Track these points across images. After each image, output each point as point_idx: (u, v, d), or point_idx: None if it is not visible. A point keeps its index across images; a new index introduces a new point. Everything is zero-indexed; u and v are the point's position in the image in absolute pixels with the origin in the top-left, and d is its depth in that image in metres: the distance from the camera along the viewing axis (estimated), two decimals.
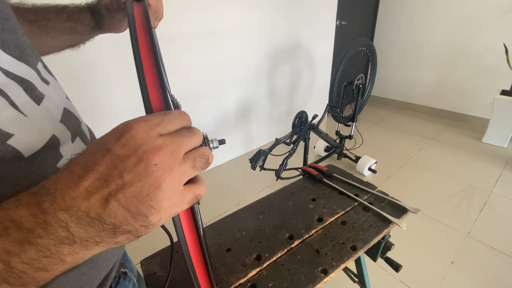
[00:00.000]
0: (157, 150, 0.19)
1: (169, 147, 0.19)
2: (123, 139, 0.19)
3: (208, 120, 2.05)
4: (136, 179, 0.18)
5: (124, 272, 0.45)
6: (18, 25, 0.30)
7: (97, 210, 0.18)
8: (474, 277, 1.23)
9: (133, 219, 0.19)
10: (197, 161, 0.21)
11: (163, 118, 0.20)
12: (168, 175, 0.19)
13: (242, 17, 1.93)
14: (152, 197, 0.19)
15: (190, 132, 0.21)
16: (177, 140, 0.20)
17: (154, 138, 0.19)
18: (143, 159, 0.18)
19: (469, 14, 2.56)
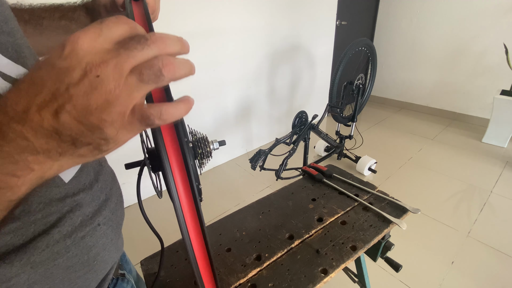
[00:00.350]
0: (100, 62, 0.18)
1: (113, 60, 0.19)
2: (65, 52, 0.18)
3: (208, 120, 2.05)
4: (82, 91, 0.18)
5: (122, 274, 0.45)
6: (17, 27, 0.30)
7: (50, 122, 0.18)
8: (474, 277, 1.23)
9: (89, 132, 0.19)
10: (144, 73, 0.20)
11: (101, 27, 0.19)
12: (114, 86, 0.19)
13: (242, 17, 1.93)
14: (101, 109, 0.19)
15: (142, 44, 0.20)
16: (123, 52, 0.19)
17: (98, 49, 0.19)
18: (87, 72, 0.18)
19: (469, 14, 2.56)
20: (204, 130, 2.05)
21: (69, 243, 0.31)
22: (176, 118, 0.23)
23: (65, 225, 0.30)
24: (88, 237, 0.33)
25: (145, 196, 1.84)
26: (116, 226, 0.39)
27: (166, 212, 1.60)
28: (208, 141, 0.31)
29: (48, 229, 0.29)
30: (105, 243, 0.36)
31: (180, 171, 0.27)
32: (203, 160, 0.36)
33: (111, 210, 0.37)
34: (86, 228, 0.33)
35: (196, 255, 0.29)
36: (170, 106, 0.22)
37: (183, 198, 0.27)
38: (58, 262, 0.30)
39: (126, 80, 0.19)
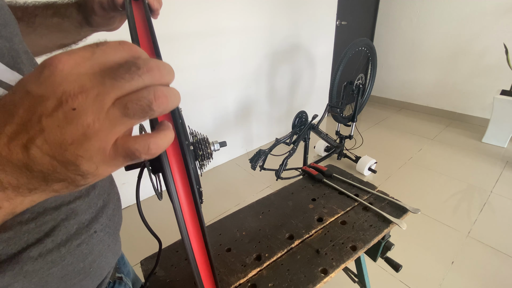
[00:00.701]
0: (78, 92, 0.16)
1: (94, 89, 0.16)
2: (43, 76, 0.16)
3: (208, 120, 2.05)
4: (55, 124, 0.16)
5: (120, 277, 0.45)
6: (16, 32, 0.30)
7: (19, 156, 0.16)
8: (474, 277, 1.23)
9: (63, 168, 0.17)
10: (129, 107, 0.17)
11: (94, 50, 0.17)
12: (92, 121, 0.16)
13: (242, 17, 1.93)
14: (77, 145, 0.16)
15: (128, 71, 0.17)
16: (106, 81, 0.16)
17: (79, 76, 0.16)
18: (61, 102, 0.16)
19: (469, 14, 2.56)
20: (204, 130, 2.05)
21: (64, 251, 0.30)
22: (164, 149, 0.20)
23: (59, 233, 0.30)
24: (84, 245, 0.32)
25: (145, 196, 1.84)
26: (113, 232, 0.38)
27: (166, 211, 1.60)
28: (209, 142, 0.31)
29: (42, 238, 0.28)
30: (101, 250, 0.35)
31: (180, 174, 0.27)
32: (203, 161, 0.36)
33: (108, 216, 0.37)
34: (82, 236, 0.32)
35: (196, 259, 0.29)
36: (158, 138, 0.19)
37: (183, 201, 0.27)
38: (53, 271, 0.30)
39: (108, 113, 0.17)
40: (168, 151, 0.26)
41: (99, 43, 0.17)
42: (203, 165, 0.36)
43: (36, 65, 0.33)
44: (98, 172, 0.18)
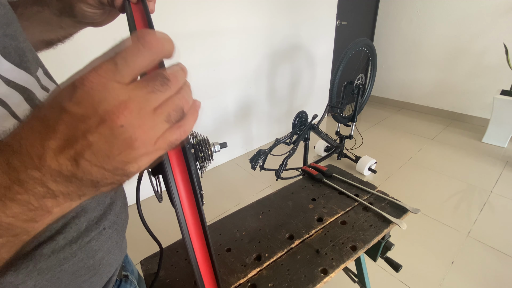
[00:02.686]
0: (122, 109, 0.17)
1: (136, 104, 0.17)
2: (77, 96, 0.16)
3: (208, 120, 2.05)
4: (103, 140, 0.17)
5: (126, 275, 0.45)
6: (19, 30, 0.30)
7: (69, 168, 0.17)
8: (474, 277, 1.23)
9: (111, 174, 0.18)
10: (171, 115, 0.19)
11: (115, 61, 0.17)
12: (140, 133, 0.17)
13: (242, 17, 1.93)
14: (125, 155, 0.18)
15: (163, 83, 0.19)
16: (145, 96, 0.18)
17: (115, 92, 0.17)
18: (106, 120, 0.16)
19: (469, 14, 2.56)
20: (204, 130, 2.05)
21: (75, 248, 0.31)
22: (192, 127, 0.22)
23: (70, 231, 0.30)
24: (94, 241, 0.33)
25: (145, 196, 1.84)
26: (121, 229, 0.39)
27: (166, 211, 1.60)
28: (209, 143, 0.31)
29: (54, 235, 0.29)
30: (110, 247, 0.36)
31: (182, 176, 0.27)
32: (204, 163, 0.35)
33: (116, 213, 0.37)
34: (92, 232, 0.33)
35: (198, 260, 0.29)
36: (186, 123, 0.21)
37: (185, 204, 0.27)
38: (64, 267, 0.30)
39: (152, 123, 0.18)
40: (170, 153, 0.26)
41: (114, 51, 0.18)
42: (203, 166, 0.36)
43: (41, 64, 0.33)
44: (141, 168, 0.20)
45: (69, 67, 1.33)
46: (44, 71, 0.33)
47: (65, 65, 1.32)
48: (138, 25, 0.26)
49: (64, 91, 0.17)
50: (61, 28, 0.43)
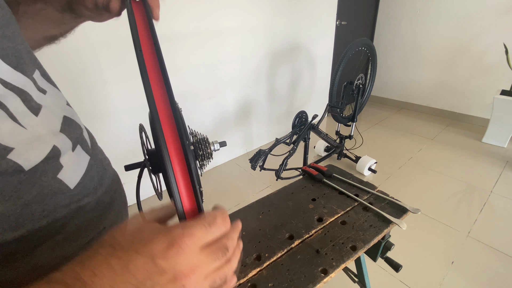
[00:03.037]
0: (190, 272, 0.20)
1: (201, 270, 0.21)
2: (170, 252, 0.20)
3: (208, 120, 2.05)
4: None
5: None
6: (17, 31, 0.30)
7: None
8: (474, 277, 1.23)
9: None
10: (217, 281, 0.23)
11: (207, 231, 0.22)
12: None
13: (242, 17, 1.93)
14: None
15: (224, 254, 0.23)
16: (211, 264, 0.22)
17: (194, 255, 0.21)
18: (176, 279, 0.20)
19: (469, 14, 2.56)
20: (204, 130, 2.05)
21: (75, 247, 0.31)
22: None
23: (70, 230, 0.30)
24: (94, 240, 0.33)
25: (146, 196, 1.84)
26: None
27: None
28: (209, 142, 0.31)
29: (53, 235, 0.29)
30: None
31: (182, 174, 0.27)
32: (203, 161, 0.36)
33: (116, 213, 0.37)
34: (92, 232, 0.33)
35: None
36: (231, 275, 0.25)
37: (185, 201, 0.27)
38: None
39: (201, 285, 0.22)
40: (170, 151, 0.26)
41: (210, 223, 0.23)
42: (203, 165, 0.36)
43: (39, 65, 0.33)
44: None
45: (68, 67, 1.33)
46: (42, 73, 0.33)
47: (64, 65, 1.32)
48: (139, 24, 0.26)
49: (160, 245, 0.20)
50: (63, 23, 0.44)
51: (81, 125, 0.36)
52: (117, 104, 1.55)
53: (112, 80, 1.50)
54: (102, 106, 1.51)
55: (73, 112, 0.35)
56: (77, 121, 0.35)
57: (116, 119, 1.56)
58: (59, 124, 0.31)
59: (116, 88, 1.52)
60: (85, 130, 0.37)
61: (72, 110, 0.35)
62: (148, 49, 0.24)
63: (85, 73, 1.40)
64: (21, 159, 0.25)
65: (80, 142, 0.34)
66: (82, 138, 0.35)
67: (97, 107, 1.49)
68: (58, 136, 0.30)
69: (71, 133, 0.32)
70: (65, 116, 0.33)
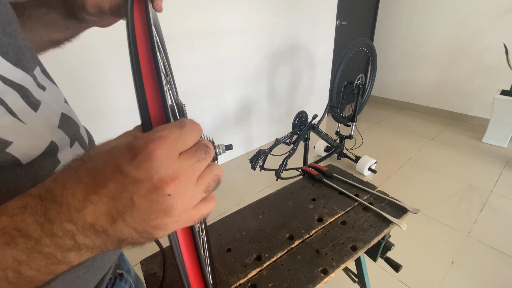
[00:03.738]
0: (173, 178, 0.18)
1: (186, 174, 0.19)
2: (138, 160, 0.17)
3: (208, 120, 2.05)
4: (147, 205, 0.18)
5: (120, 274, 0.45)
6: (19, 29, 0.30)
7: (103, 224, 0.18)
8: (474, 277, 1.23)
9: (139, 235, 0.19)
10: (210, 186, 0.21)
11: (180, 133, 0.19)
12: (181, 202, 0.19)
13: (242, 17, 1.93)
14: (160, 221, 0.18)
15: (206, 152, 0.20)
16: (194, 165, 0.19)
17: (172, 161, 0.18)
18: (157, 188, 0.17)
19: (469, 14, 2.56)
20: (204, 130, 2.04)
21: None
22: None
23: None
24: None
25: None
26: None
27: None
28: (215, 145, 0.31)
29: None
30: None
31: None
32: None
33: None
34: None
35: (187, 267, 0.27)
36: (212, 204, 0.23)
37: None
38: None
39: (193, 192, 0.19)
40: None
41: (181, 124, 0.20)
42: None
43: (39, 62, 0.33)
44: (163, 236, 0.20)
45: (71, 66, 1.34)
46: (42, 69, 0.33)
47: (66, 62, 1.32)
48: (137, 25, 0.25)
49: (124, 151, 0.18)
50: (68, 29, 0.44)
51: (79, 122, 0.37)
52: (119, 104, 1.55)
53: (115, 80, 1.50)
54: (104, 105, 1.51)
55: (70, 109, 0.36)
56: (74, 119, 0.35)
57: (118, 118, 1.57)
58: (57, 121, 0.31)
59: (119, 88, 1.53)
60: (82, 127, 0.37)
61: (69, 107, 0.36)
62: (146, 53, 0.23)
63: (88, 72, 1.40)
64: (19, 153, 0.25)
65: (77, 139, 0.34)
66: (80, 135, 0.35)
67: (99, 106, 1.50)
68: (56, 132, 0.30)
69: (69, 130, 0.33)
70: (63, 113, 0.33)
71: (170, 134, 0.18)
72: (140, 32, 0.25)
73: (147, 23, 0.25)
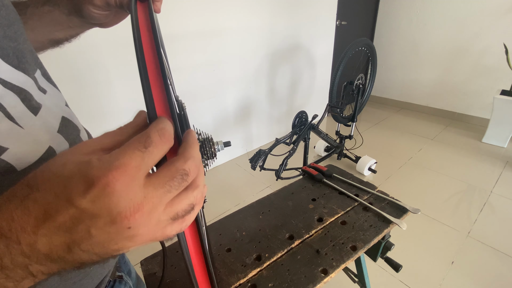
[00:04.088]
0: (134, 212, 0.16)
1: (149, 206, 0.17)
2: (94, 194, 0.15)
3: (208, 120, 2.05)
4: (105, 236, 0.16)
5: (120, 276, 0.44)
6: (21, 31, 0.30)
7: (59, 253, 0.16)
8: (474, 277, 1.23)
9: (99, 258, 0.18)
10: (179, 215, 0.19)
11: (143, 156, 0.17)
12: (143, 231, 0.17)
13: (242, 17, 1.93)
14: (121, 246, 0.17)
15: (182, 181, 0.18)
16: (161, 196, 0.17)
17: (134, 192, 0.16)
18: (116, 222, 0.16)
19: (469, 14, 2.56)
20: (204, 130, 2.05)
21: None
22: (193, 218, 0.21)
23: None
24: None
25: None
26: None
27: None
28: (213, 141, 0.30)
29: None
30: None
31: None
32: (207, 161, 0.35)
33: None
34: None
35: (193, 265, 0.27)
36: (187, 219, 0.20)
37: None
38: None
39: (158, 221, 0.18)
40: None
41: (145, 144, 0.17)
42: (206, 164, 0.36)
43: (40, 64, 0.32)
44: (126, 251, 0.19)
45: (73, 66, 1.34)
46: (43, 72, 0.33)
47: (69, 64, 1.32)
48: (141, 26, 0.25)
49: (77, 182, 0.16)
50: (70, 27, 0.43)
51: (79, 126, 0.36)
52: (120, 104, 1.55)
53: (116, 80, 1.50)
54: (106, 105, 1.51)
55: (71, 113, 0.35)
56: (75, 122, 0.35)
57: (118, 118, 1.57)
58: (57, 124, 0.31)
59: (120, 88, 1.53)
60: (83, 130, 0.37)
61: (70, 111, 0.35)
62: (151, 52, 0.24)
63: (90, 73, 1.40)
64: (14, 159, 0.25)
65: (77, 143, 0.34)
66: (80, 139, 0.35)
67: (100, 106, 1.50)
68: (55, 137, 0.30)
69: (69, 134, 0.32)
70: (63, 116, 0.32)
71: (131, 160, 0.16)
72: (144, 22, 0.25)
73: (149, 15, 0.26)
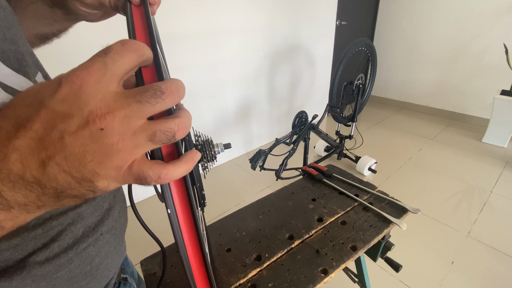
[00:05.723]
0: (106, 113, 0.16)
1: (122, 111, 0.16)
2: (62, 92, 0.15)
3: (208, 120, 2.05)
4: (79, 142, 0.15)
5: (124, 278, 0.44)
6: (20, 33, 0.29)
7: (33, 173, 0.15)
8: (474, 277, 1.23)
9: (78, 184, 0.17)
10: (157, 135, 0.18)
11: (104, 61, 0.16)
12: (117, 140, 0.16)
13: (242, 17, 1.93)
14: (97, 163, 0.16)
15: (154, 96, 0.17)
16: (133, 104, 0.17)
17: (103, 94, 0.16)
18: (89, 122, 0.15)
19: (469, 14, 2.56)
20: (204, 130, 2.05)
21: (71, 255, 0.30)
22: (175, 179, 0.20)
23: (66, 238, 0.30)
24: (91, 247, 0.32)
25: (147, 195, 1.84)
26: (119, 234, 0.38)
27: None
28: (213, 144, 0.30)
29: (48, 242, 0.28)
30: (107, 252, 0.35)
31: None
32: (207, 163, 0.35)
33: (114, 218, 0.36)
34: (89, 239, 0.32)
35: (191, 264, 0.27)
36: (171, 169, 0.19)
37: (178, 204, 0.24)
38: (61, 274, 0.30)
39: (134, 135, 0.17)
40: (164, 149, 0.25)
41: (104, 52, 0.17)
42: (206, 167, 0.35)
43: (41, 67, 0.32)
44: (108, 188, 0.18)
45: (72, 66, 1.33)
46: (44, 75, 0.32)
47: (68, 65, 1.32)
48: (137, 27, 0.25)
49: (46, 87, 0.16)
50: (55, 21, 0.41)
51: None
52: None
53: None
54: None
55: None
56: None
57: None
58: None
59: None
60: None
61: None
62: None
63: None
64: None
65: None
66: None
67: None
68: None
69: None
70: None
71: (93, 64, 0.16)
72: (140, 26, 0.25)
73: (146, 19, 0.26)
